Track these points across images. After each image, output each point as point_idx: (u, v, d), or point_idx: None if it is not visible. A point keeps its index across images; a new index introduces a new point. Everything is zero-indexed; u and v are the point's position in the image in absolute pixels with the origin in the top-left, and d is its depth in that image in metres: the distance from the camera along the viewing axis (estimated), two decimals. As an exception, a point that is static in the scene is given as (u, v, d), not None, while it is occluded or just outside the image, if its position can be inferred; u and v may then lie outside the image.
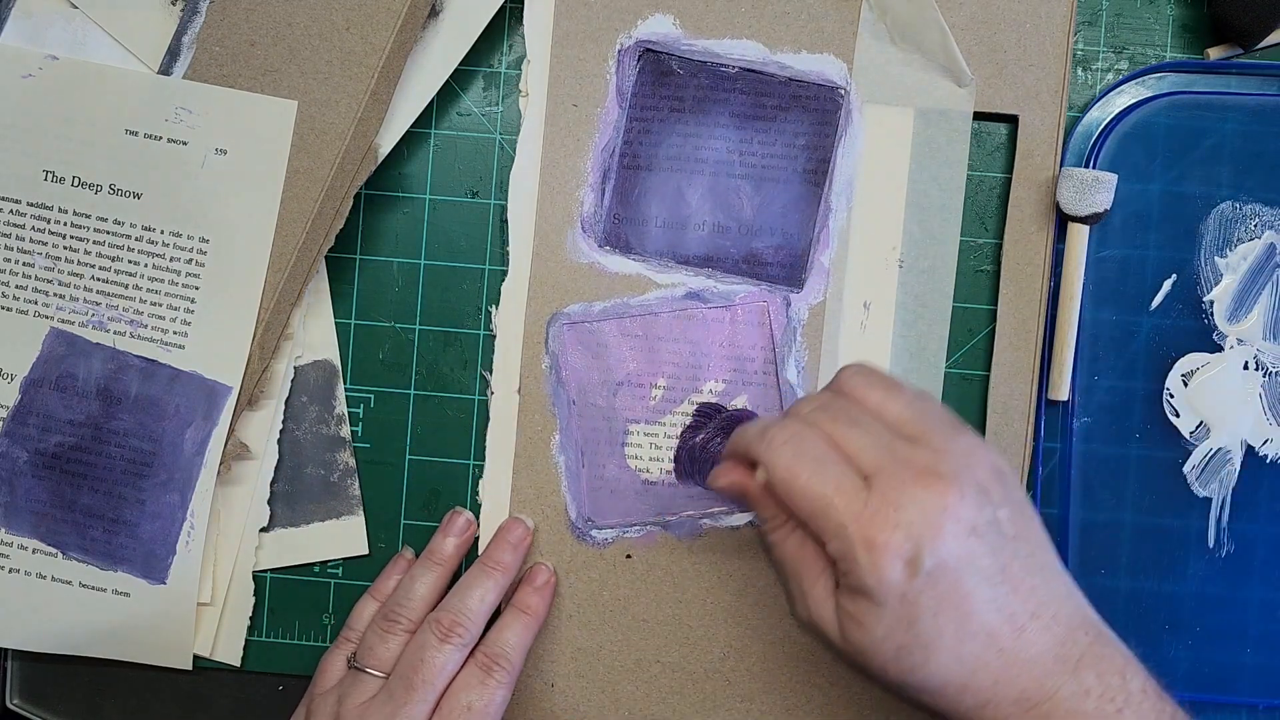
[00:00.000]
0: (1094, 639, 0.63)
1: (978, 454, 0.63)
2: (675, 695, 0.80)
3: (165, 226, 0.79)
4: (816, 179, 0.79)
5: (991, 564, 0.60)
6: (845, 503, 0.60)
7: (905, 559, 0.59)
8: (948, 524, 0.59)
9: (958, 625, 0.60)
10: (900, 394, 0.65)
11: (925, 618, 0.60)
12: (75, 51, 0.79)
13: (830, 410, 0.65)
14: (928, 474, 0.60)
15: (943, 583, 0.59)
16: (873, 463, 0.61)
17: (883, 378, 0.66)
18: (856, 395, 0.66)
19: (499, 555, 0.78)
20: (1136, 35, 0.80)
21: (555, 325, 0.79)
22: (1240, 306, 0.79)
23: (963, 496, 0.60)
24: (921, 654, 0.61)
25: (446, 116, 0.82)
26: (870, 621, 0.61)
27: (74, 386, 0.79)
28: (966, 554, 0.60)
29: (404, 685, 0.72)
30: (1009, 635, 0.61)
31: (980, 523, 0.60)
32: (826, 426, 0.64)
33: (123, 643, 0.81)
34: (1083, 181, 0.75)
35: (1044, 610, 0.62)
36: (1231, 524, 0.79)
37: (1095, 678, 0.61)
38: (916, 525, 0.59)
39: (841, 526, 0.60)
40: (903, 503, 0.59)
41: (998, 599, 0.60)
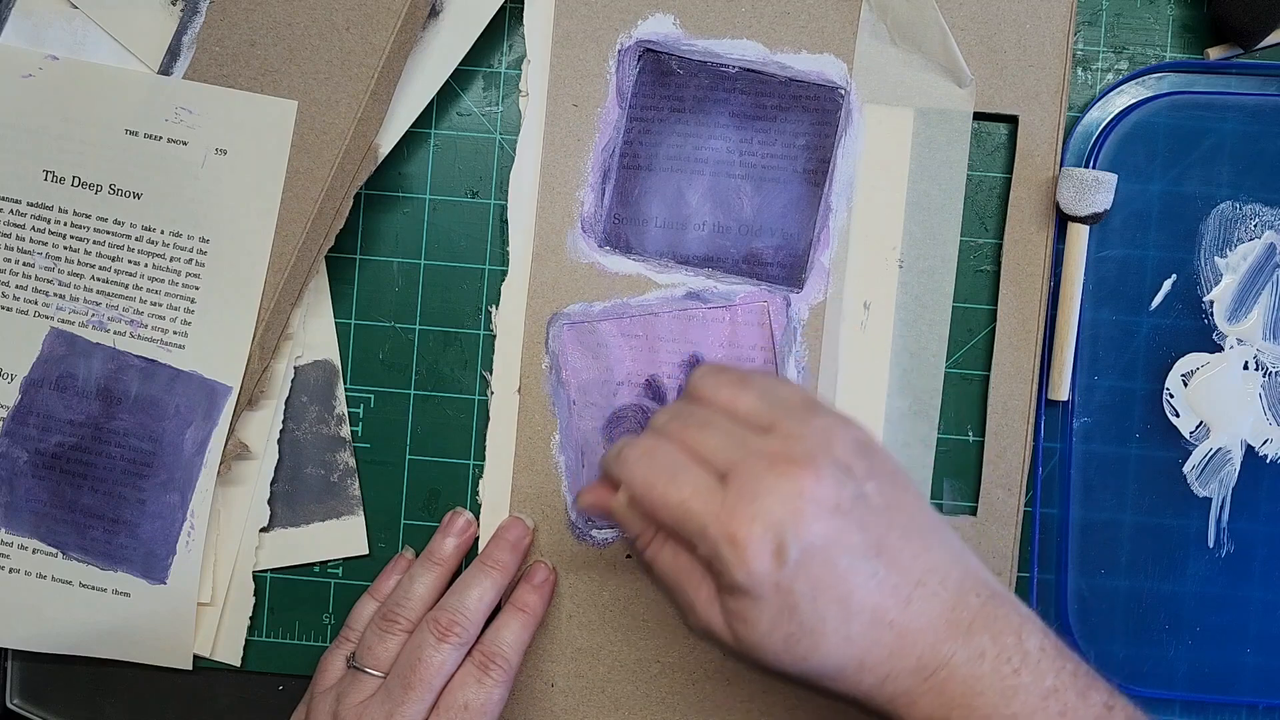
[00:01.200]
0: (986, 600, 0.62)
1: (835, 431, 0.62)
2: (675, 695, 0.80)
3: (165, 226, 0.79)
4: (816, 179, 0.79)
5: (862, 540, 0.60)
6: (703, 504, 0.60)
7: (771, 549, 0.59)
8: (807, 507, 0.59)
9: (839, 606, 0.60)
10: (749, 387, 0.65)
11: (805, 604, 0.59)
12: (75, 51, 0.79)
13: (681, 417, 0.65)
14: (781, 460, 0.60)
15: (814, 566, 0.59)
16: (726, 460, 0.61)
17: (732, 374, 0.66)
18: (707, 396, 0.65)
19: (498, 554, 0.78)
20: (1136, 35, 0.80)
21: (555, 325, 0.79)
22: (1240, 306, 0.79)
23: (819, 478, 0.59)
24: (810, 640, 0.60)
25: (446, 116, 0.82)
26: (753, 617, 0.60)
27: (74, 386, 0.80)
28: (834, 534, 0.59)
29: (402, 684, 0.72)
30: (895, 607, 0.60)
31: (844, 500, 0.60)
32: (679, 434, 0.63)
33: (123, 643, 0.81)
34: (1083, 181, 0.76)
35: (929, 577, 0.61)
36: (1231, 524, 0.79)
37: (990, 640, 0.61)
38: (776, 513, 0.59)
39: (703, 528, 0.60)
40: (759, 493, 0.59)
41: (876, 574, 0.60)
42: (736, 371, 0.66)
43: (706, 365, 0.68)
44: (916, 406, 0.79)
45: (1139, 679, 0.79)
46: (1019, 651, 0.61)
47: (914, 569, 0.61)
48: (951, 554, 0.63)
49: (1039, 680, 0.61)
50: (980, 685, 0.61)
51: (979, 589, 0.62)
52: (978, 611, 0.62)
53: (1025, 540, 0.79)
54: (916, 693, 0.61)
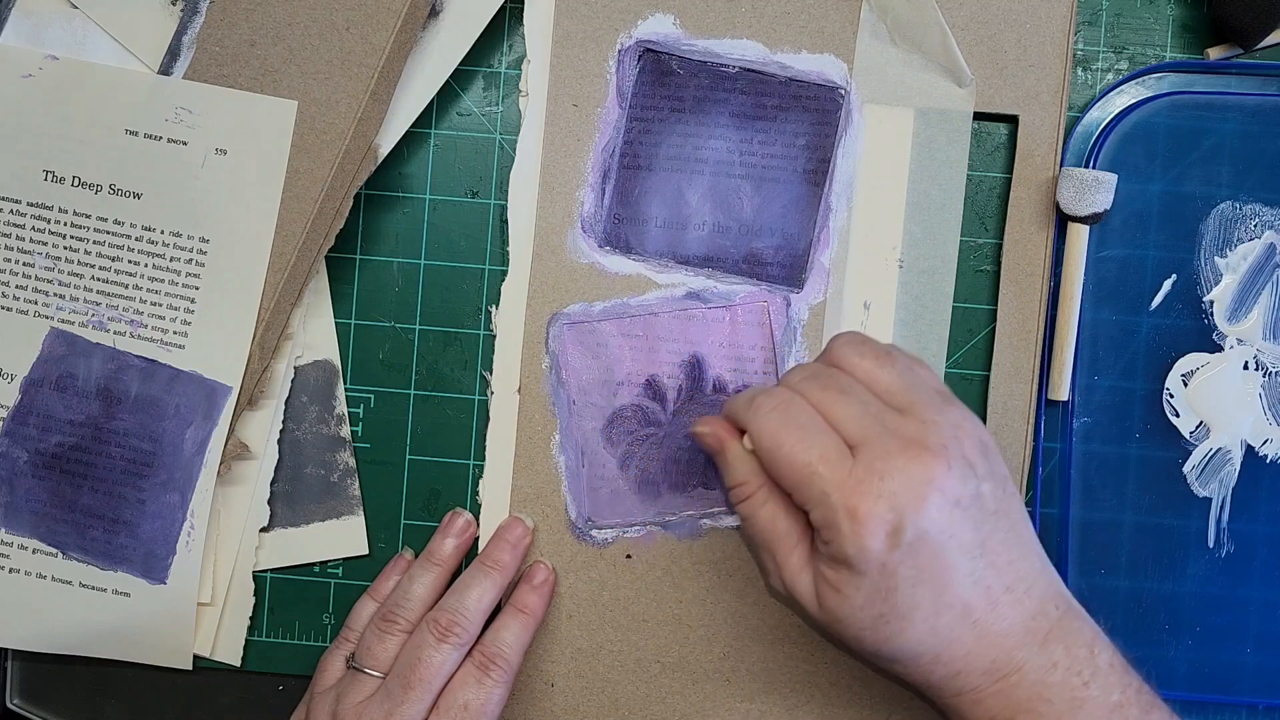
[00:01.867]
0: (1064, 613, 0.64)
1: (965, 427, 0.63)
2: (675, 695, 0.80)
3: (165, 226, 0.79)
4: (817, 179, 0.79)
5: (972, 537, 0.61)
6: (830, 471, 0.61)
7: (888, 529, 0.60)
8: (932, 496, 0.60)
9: (935, 597, 0.61)
10: (892, 363, 0.66)
11: (904, 588, 0.61)
12: (75, 51, 0.79)
13: (820, 379, 0.65)
14: (914, 445, 0.61)
15: (923, 554, 0.60)
16: (859, 432, 0.62)
17: (875, 346, 0.67)
18: (847, 365, 0.66)
19: (497, 555, 0.78)
20: (1136, 35, 0.80)
21: (555, 325, 0.79)
22: (1240, 306, 0.79)
23: (949, 469, 0.60)
24: (898, 624, 0.61)
25: (446, 116, 0.82)
26: (849, 590, 0.61)
27: (74, 386, 0.79)
28: (949, 526, 0.60)
29: (401, 684, 0.72)
30: (983, 608, 0.62)
31: (964, 496, 0.61)
32: (814, 395, 0.64)
33: (123, 643, 0.81)
34: (1083, 181, 0.75)
35: (1018, 584, 0.62)
36: (1231, 524, 0.79)
37: (1063, 651, 0.62)
38: (900, 496, 0.60)
39: (825, 495, 0.60)
40: (888, 472, 0.60)
41: (975, 572, 0.61)
42: (879, 345, 0.67)
43: (849, 333, 0.68)
44: (916, 406, 0.79)
45: (1139, 679, 0.79)
46: (1090, 665, 0.63)
47: (1007, 574, 0.62)
48: (1039, 565, 0.64)
49: (1106, 694, 0.62)
50: (1049, 693, 0.62)
51: (1058, 602, 0.64)
52: (1055, 623, 0.63)
53: (1025, 540, 0.79)
54: (985, 692, 0.63)
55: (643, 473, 0.80)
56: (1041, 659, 0.62)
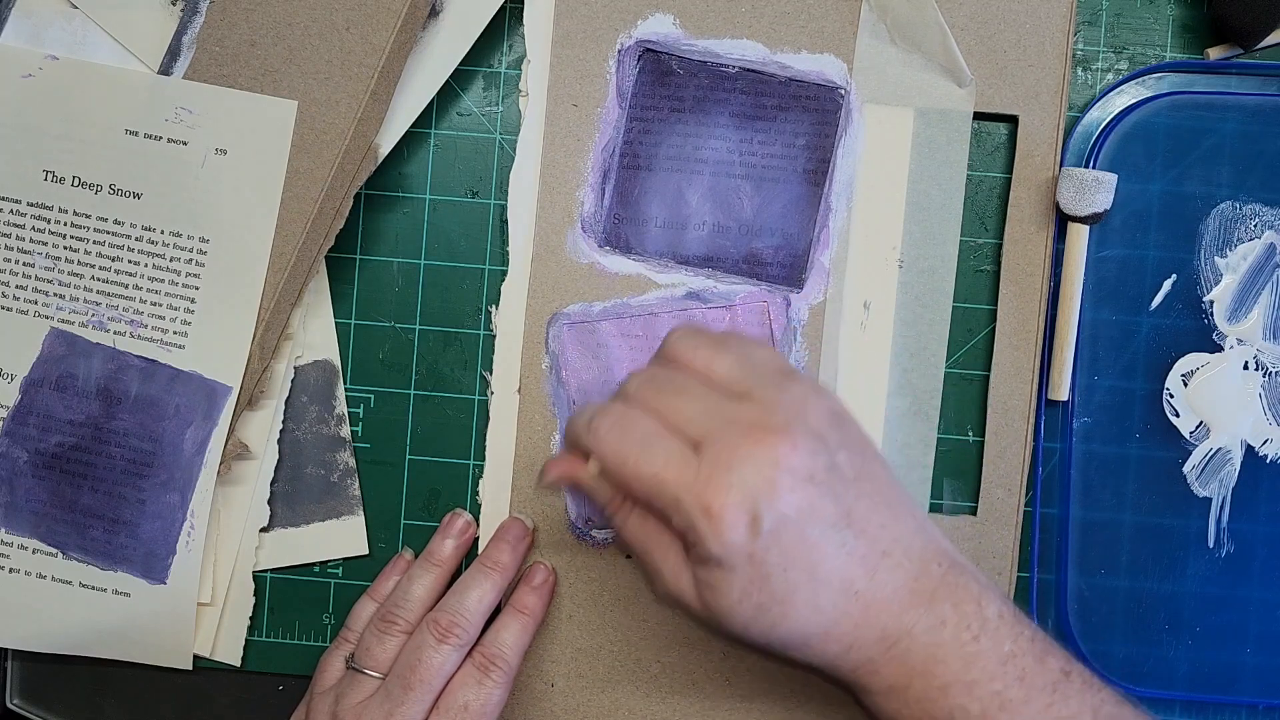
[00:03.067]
0: (947, 570, 0.63)
1: (809, 401, 0.62)
2: (675, 695, 0.80)
3: (165, 226, 0.79)
4: (816, 179, 0.79)
5: (834, 510, 0.60)
6: (676, 475, 0.60)
7: (746, 520, 0.59)
8: (782, 477, 0.59)
9: (810, 576, 0.60)
10: (726, 351, 0.65)
11: (776, 574, 0.60)
12: (75, 51, 0.79)
13: (655, 383, 0.64)
14: (756, 429, 0.60)
15: (787, 536, 0.59)
16: (701, 429, 0.61)
17: (709, 337, 0.66)
18: (683, 360, 0.65)
19: (497, 555, 0.77)
20: (1136, 35, 0.80)
21: (555, 325, 0.79)
22: (1240, 306, 0.79)
23: (795, 446, 0.60)
24: (779, 609, 0.61)
25: (446, 116, 0.82)
26: (724, 587, 0.61)
27: (74, 386, 0.79)
28: (807, 504, 0.60)
29: (401, 685, 0.72)
30: (862, 578, 0.61)
31: (817, 470, 0.60)
32: (652, 402, 0.63)
33: (123, 643, 0.81)
34: (1083, 181, 0.75)
35: (894, 548, 0.62)
36: (1231, 524, 0.79)
37: (951, 608, 0.62)
38: (751, 483, 0.59)
39: (677, 500, 0.60)
40: (734, 463, 0.59)
41: (846, 544, 0.61)
42: (712, 334, 0.66)
43: (683, 327, 0.68)
44: (916, 407, 0.79)
45: (1139, 679, 0.79)
46: (979, 618, 0.62)
47: (881, 539, 0.62)
48: (915, 524, 0.63)
49: (997, 646, 0.62)
50: (941, 653, 0.61)
51: (940, 558, 0.63)
52: (939, 580, 0.62)
53: (1025, 540, 0.79)
54: (879, 661, 0.62)
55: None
56: (930, 619, 0.61)
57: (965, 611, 0.62)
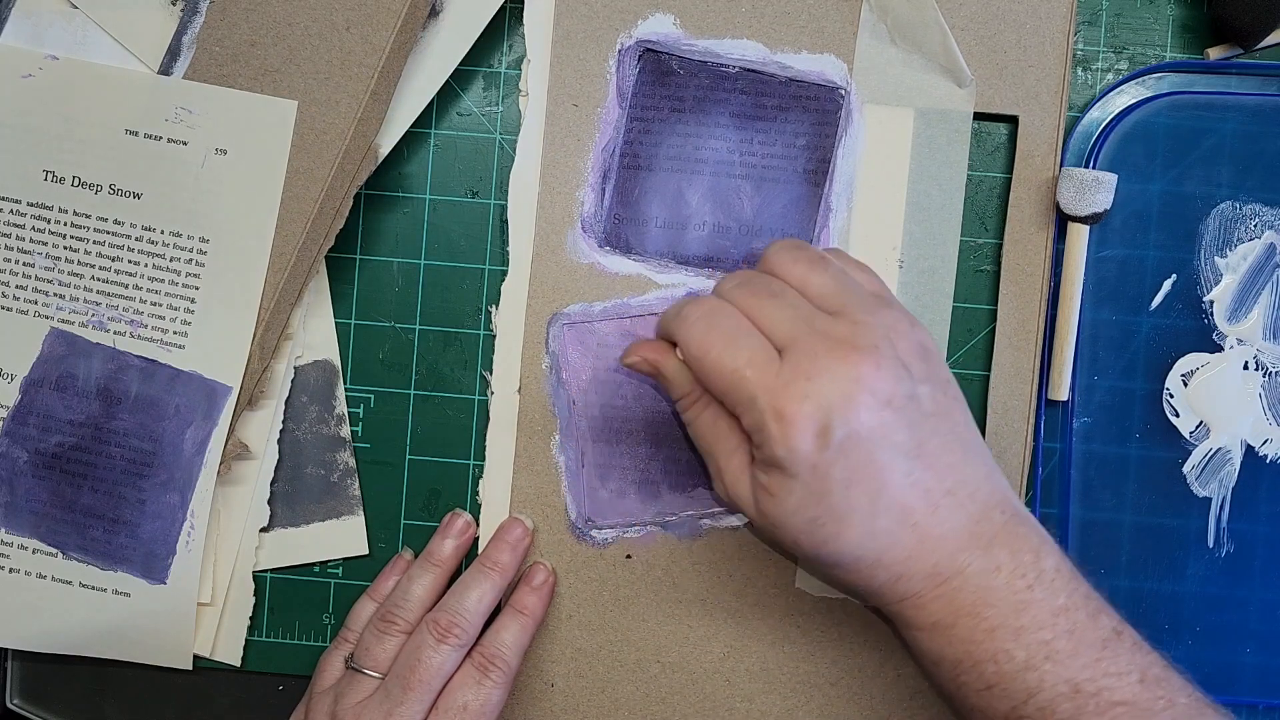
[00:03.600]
0: (1009, 518, 0.63)
1: (901, 328, 0.63)
2: (675, 695, 0.80)
3: (165, 226, 0.79)
4: (817, 179, 0.79)
5: (907, 438, 0.61)
6: (756, 375, 0.60)
7: (815, 429, 0.59)
8: (861, 395, 0.59)
9: (870, 498, 0.60)
10: (825, 267, 0.65)
11: (837, 490, 0.60)
12: (75, 51, 0.79)
13: (750, 285, 0.64)
14: (843, 345, 0.60)
15: (855, 454, 0.60)
16: (788, 335, 0.61)
17: (810, 252, 0.66)
18: (781, 270, 0.65)
19: (497, 555, 0.77)
20: (1136, 35, 0.80)
21: (555, 325, 0.79)
22: (1240, 306, 0.79)
23: (878, 368, 0.60)
24: (834, 527, 0.61)
25: (446, 116, 0.82)
26: (783, 494, 0.61)
27: (74, 386, 0.79)
28: (880, 426, 0.60)
29: (401, 685, 0.72)
30: (923, 510, 0.61)
31: (897, 396, 0.60)
32: (743, 301, 0.63)
33: (123, 643, 0.81)
34: (1083, 181, 0.75)
35: (960, 488, 0.62)
36: (1231, 524, 0.79)
37: (1008, 555, 0.62)
38: (827, 395, 0.59)
39: (752, 399, 0.60)
40: (814, 373, 0.59)
41: (913, 474, 0.61)
42: (813, 250, 0.67)
43: (784, 240, 0.68)
44: (916, 406, 0.79)
45: (1139, 679, 0.79)
46: (1035, 569, 0.62)
47: (948, 477, 0.62)
48: (985, 470, 0.64)
49: (1051, 598, 0.62)
50: (992, 596, 0.62)
51: (1004, 506, 0.64)
52: (1000, 528, 0.63)
53: (1025, 540, 0.79)
54: (928, 597, 0.63)
55: (643, 473, 0.80)
56: (984, 562, 0.62)
57: (1022, 560, 0.62)
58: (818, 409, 0.59)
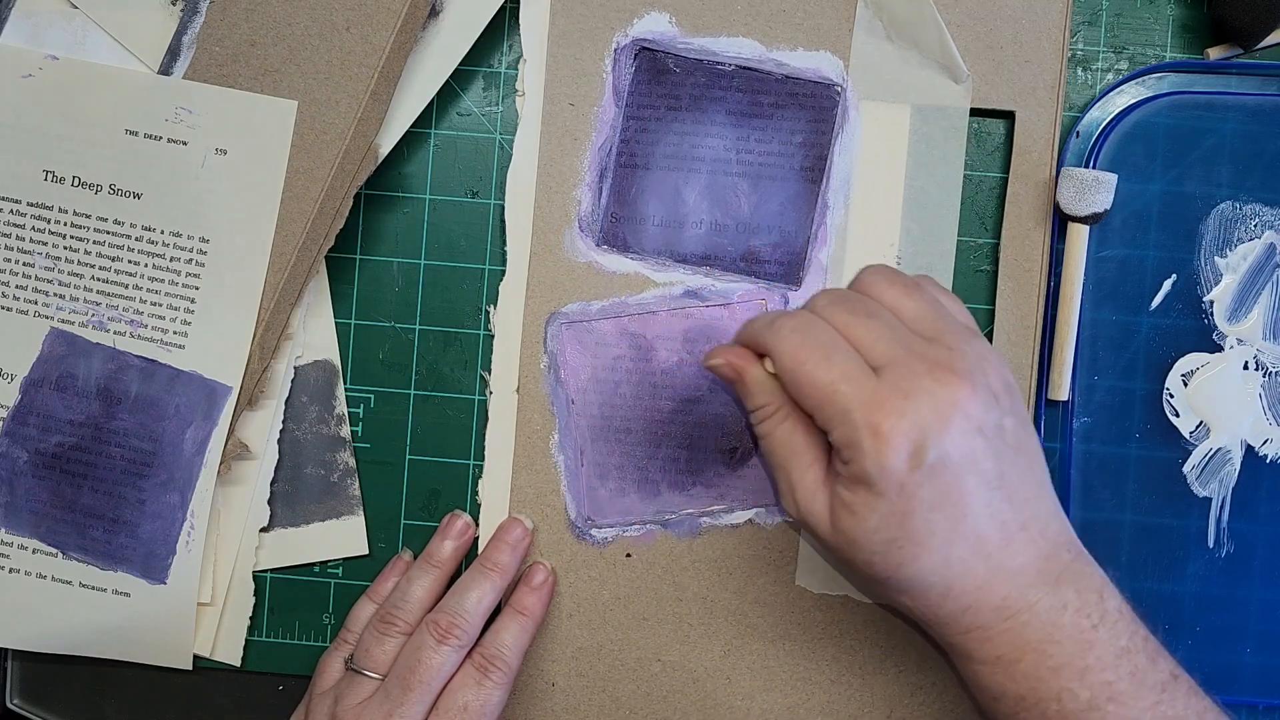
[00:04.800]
0: (1075, 557, 0.64)
1: (991, 360, 0.63)
2: (675, 694, 0.80)
3: (165, 226, 0.79)
4: (814, 176, 0.79)
5: (992, 468, 0.61)
6: (852, 389, 0.60)
7: (910, 448, 0.59)
8: (956, 418, 0.59)
9: (951, 525, 0.60)
10: (920, 294, 0.65)
11: (920, 512, 0.60)
12: (75, 51, 0.79)
13: (845, 303, 0.64)
14: (941, 368, 0.60)
15: (943, 478, 0.60)
16: (885, 354, 0.61)
17: (903, 277, 0.67)
18: (875, 292, 0.66)
19: (497, 556, 0.78)
20: (1136, 35, 0.80)
21: (554, 324, 0.79)
22: (1240, 306, 0.78)
23: (974, 394, 0.60)
24: (911, 549, 0.61)
25: (446, 116, 0.82)
26: (865, 511, 0.61)
27: (74, 386, 0.80)
28: (970, 452, 0.60)
29: (401, 685, 0.72)
30: (997, 542, 0.61)
31: (987, 424, 0.60)
32: (839, 318, 0.63)
33: (123, 643, 0.81)
34: (1083, 181, 0.75)
35: (1033, 523, 0.62)
36: (1231, 524, 0.79)
37: (1074, 593, 0.62)
38: (925, 415, 0.59)
39: (847, 412, 0.60)
40: (913, 392, 0.60)
41: (993, 504, 0.61)
42: (905, 275, 0.67)
43: (878, 265, 0.68)
44: (915, 405, 0.79)
45: (1139, 679, 0.79)
46: (1099, 609, 0.63)
47: (1023, 511, 0.62)
48: (1055, 508, 0.64)
49: (1115, 639, 0.62)
50: (1059, 634, 0.62)
51: (1070, 546, 0.64)
52: (1067, 565, 0.63)
53: (1025, 540, 0.79)
54: (993, 630, 0.63)
55: (642, 471, 0.80)
56: (1053, 599, 0.62)
57: (1087, 600, 0.63)
58: (914, 427, 0.59)
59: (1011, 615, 0.62)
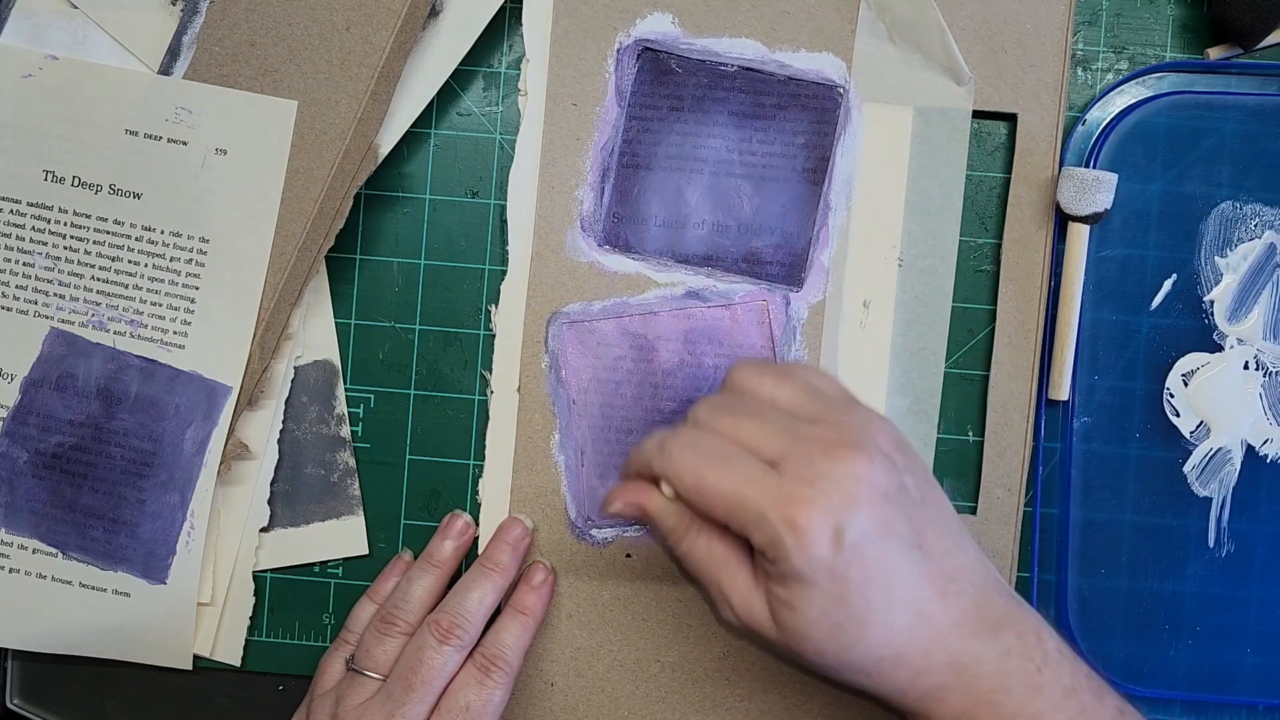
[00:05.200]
0: (1006, 600, 0.63)
1: (876, 423, 0.63)
2: (675, 695, 0.80)
3: (165, 226, 0.79)
4: (816, 178, 0.79)
5: (907, 529, 0.61)
6: (758, 491, 0.60)
7: (830, 533, 0.58)
8: (863, 492, 0.59)
9: (885, 595, 0.60)
10: (791, 379, 0.65)
11: (855, 591, 0.59)
12: (75, 51, 0.79)
13: (724, 408, 0.64)
14: (835, 445, 0.60)
15: (867, 552, 0.59)
16: (777, 448, 0.61)
17: (772, 367, 0.66)
18: (748, 388, 0.66)
19: (497, 556, 0.78)
20: (1136, 35, 0.80)
21: (555, 324, 0.79)
22: (1240, 306, 0.79)
23: (872, 463, 0.60)
24: (856, 629, 0.60)
25: (446, 116, 0.82)
26: (803, 604, 0.60)
27: (74, 386, 0.80)
28: (885, 520, 0.60)
29: (402, 686, 0.72)
30: (933, 600, 0.61)
31: (891, 488, 0.60)
32: (723, 425, 0.63)
33: (123, 643, 0.81)
34: (1083, 181, 0.75)
35: (959, 573, 0.62)
36: (1231, 524, 0.79)
37: (1014, 638, 0.62)
38: (834, 497, 0.59)
39: (760, 515, 0.59)
40: (816, 478, 0.59)
41: (917, 564, 0.61)
42: (774, 365, 0.67)
43: (743, 360, 0.68)
44: (916, 406, 0.79)
45: (1139, 679, 0.79)
46: (1040, 651, 0.62)
47: (947, 564, 0.62)
48: (975, 554, 0.64)
49: (1059, 679, 0.62)
50: (1008, 682, 0.61)
51: (999, 589, 0.64)
52: (1001, 610, 0.63)
53: (1025, 540, 0.79)
54: (947, 689, 0.62)
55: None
56: (996, 648, 0.62)
57: (1028, 643, 0.62)
58: (827, 512, 0.58)
59: (962, 669, 0.61)
